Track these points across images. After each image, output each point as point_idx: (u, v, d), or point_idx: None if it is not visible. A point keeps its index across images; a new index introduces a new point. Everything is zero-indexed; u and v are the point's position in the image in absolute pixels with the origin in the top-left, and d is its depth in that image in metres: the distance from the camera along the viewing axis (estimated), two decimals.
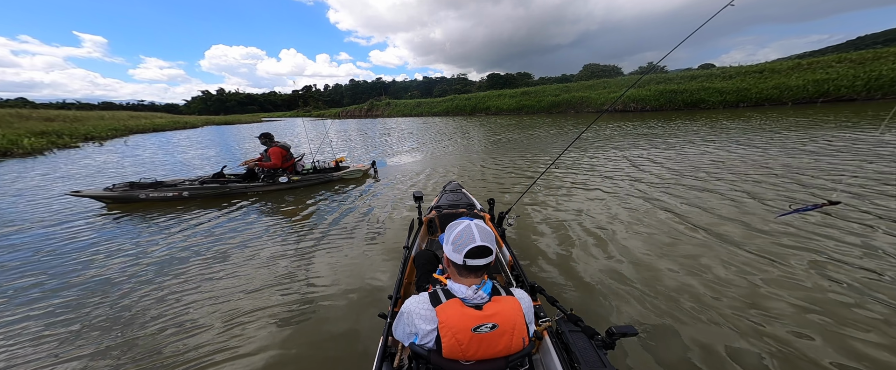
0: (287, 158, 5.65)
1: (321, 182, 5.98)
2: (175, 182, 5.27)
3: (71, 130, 17.24)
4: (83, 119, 22.84)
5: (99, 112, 33.35)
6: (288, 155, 5.67)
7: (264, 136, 5.59)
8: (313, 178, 5.88)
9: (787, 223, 3.18)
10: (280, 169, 5.60)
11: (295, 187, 5.68)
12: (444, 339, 0.98)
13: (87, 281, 2.82)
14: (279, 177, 5.53)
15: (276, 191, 5.53)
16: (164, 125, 27.73)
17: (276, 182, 5.50)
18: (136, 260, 3.20)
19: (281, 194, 5.42)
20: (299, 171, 5.90)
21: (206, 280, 2.77)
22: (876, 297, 2.12)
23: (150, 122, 27.49)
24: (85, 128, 18.78)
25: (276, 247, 3.37)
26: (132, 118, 28.74)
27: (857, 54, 21.48)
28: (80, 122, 20.83)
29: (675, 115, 18.22)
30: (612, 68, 61.32)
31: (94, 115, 27.14)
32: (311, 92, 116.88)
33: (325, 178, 6.00)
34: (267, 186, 5.48)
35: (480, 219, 1.85)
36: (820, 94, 18.94)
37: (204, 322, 2.22)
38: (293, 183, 5.63)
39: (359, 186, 5.89)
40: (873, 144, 6.50)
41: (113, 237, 3.81)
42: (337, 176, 6.11)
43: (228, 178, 5.54)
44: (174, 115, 42.20)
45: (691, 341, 1.85)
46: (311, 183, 5.86)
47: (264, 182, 5.49)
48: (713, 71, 27.64)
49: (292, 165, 5.82)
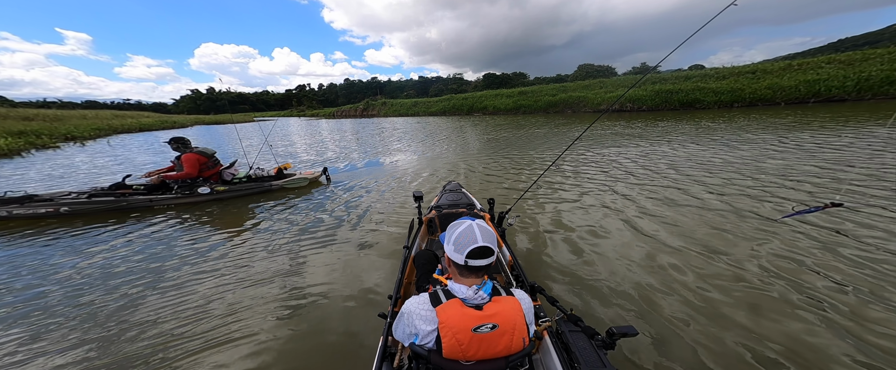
0: (208, 166, 4.97)
1: (257, 192, 5.34)
2: (52, 195, 4.44)
3: (50, 130, 16.83)
4: (64, 118, 22.28)
5: (81, 111, 32.58)
6: (209, 162, 4.98)
7: (176, 141, 4.79)
8: (246, 187, 5.21)
9: (790, 224, 3.20)
10: (200, 178, 4.93)
11: (220, 198, 5.01)
12: (445, 340, 0.98)
13: None
14: (199, 187, 4.83)
15: (193, 203, 4.82)
16: (152, 125, 27.27)
17: (194, 193, 4.80)
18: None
19: (205, 205, 4.77)
20: (227, 181, 5.18)
21: (160, 285, 2.72)
22: (873, 293, 2.17)
23: (136, 121, 26.98)
24: (65, 127, 18.33)
25: (268, 258, 3.33)
26: (117, 117, 28.10)
27: (846, 56, 22.12)
28: (60, 122, 20.30)
29: (672, 115, 18.51)
30: (607, 68, 62.27)
31: (77, 115, 26.48)
32: (305, 91, 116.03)
33: (262, 187, 5.36)
34: (183, 198, 4.75)
35: (481, 219, 1.86)
36: (812, 95, 19.45)
37: (196, 316, 2.19)
38: (218, 194, 4.95)
39: (358, 186, 5.85)
40: (876, 143, 6.64)
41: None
42: (277, 185, 5.50)
43: (131, 190, 4.71)
44: (162, 115, 41.52)
45: (692, 341, 1.87)
46: (243, 193, 5.20)
47: (179, 194, 4.76)
48: (707, 71, 28.18)
49: (217, 174, 5.14)
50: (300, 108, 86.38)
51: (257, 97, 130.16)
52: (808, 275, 2.43)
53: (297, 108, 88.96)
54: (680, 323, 2.02)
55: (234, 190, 5.15)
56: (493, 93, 41.44)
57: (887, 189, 3.98)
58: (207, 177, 5.04)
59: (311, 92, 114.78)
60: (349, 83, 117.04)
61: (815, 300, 2.16)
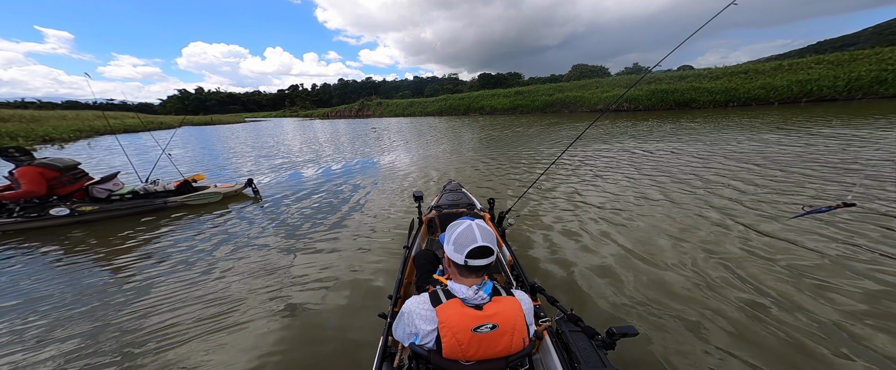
0: (61, 181, 4.03)
1: (145, 210, 4.47)
2: None
3: (27, 131, 16.27)
4: (42, 119, 21.59)
5: (61, 111, 31.42)
6: (61, 177, 4.01)
7: (6, 154, 3.81)
8: (129, 206, 4.35)
9: (799, 225, 3.18)
10: (53, 197, 4.04)
11: (87, 220, 4.13)
12: (445, 339, 0.99)
13: None
14: (52, 208, 3.94)
15: (43, 227, 3.95)
16: (136, 126, 26.67)
17: (46, 216, 3.91)
18: None
19: (71, 228, 3.96)
20: (100, 198, 4.26)
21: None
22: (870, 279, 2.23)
23: (119, 122, 26.39)
24: (43, 129, 17.75)
25: (266, 255, 3.29)
26: (99, 118, 27.31)
27: (834, 56, 22.87)
28: (38, 123, 19.67)
29: (670, 115, 18.81)
30: (600, 69, 63.36)
31: (56, 115, 25.62)
32: (298, 91, 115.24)
33: (152, 205, 4.49)
34: (26, 222, 3.88)
35: (481, 219, 1.88)
36: (804, 94, 19.98)
37: (184, 324, 2.15)
38: (83, 215, 4.07)
39: (354, 187, 5.83)
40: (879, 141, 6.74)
41: None
42: (176, 201, 4.64)
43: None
44: (148, 115, 40.69)
45: (692, 341, 1.89)
46: (122, 213, 4.32)
47: (22, 217, 3.85)
48: (701, 71, 28.79)
49: (83, 190, 4.22)
50: (293, 108, 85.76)
51: (248, 97, 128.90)
52: (817, 275, 2.44)
53: (290, 108, 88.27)
54: (682, 323, 2.04)
55: (107, 210, 4.21)
56: (490, 93, 41.74)
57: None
58: (65, 194, 4.09)
59: (305, 92, 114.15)
60: (343, 83, 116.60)
61: (825, 299, 2.18)
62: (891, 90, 17.80)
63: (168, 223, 4.23)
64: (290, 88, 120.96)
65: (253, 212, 4.66)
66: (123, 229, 4.01)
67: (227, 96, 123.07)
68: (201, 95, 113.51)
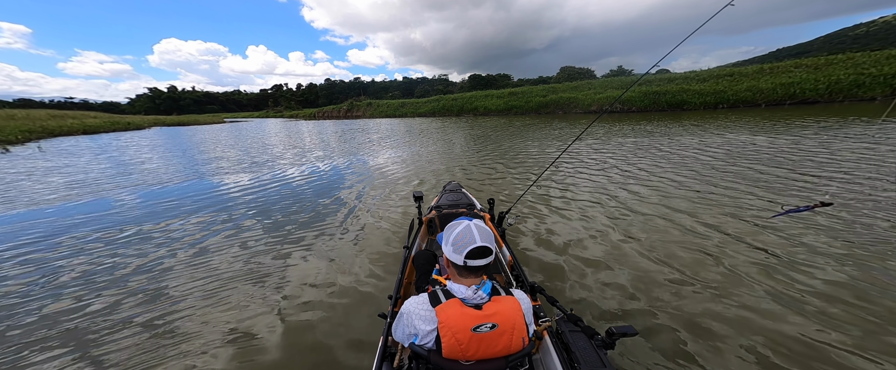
0: None
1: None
2: None
3: None
4: None
5: (10, 111, 29.48)
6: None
7: None
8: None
9: (783, 223, 3.35)
10: None
11: None
12: (444, 339, 0.99)
13: None
14: None
15: None
16: (99, 126, 25.31)
17: None
18: None
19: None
20: None
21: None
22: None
23: (79, 122, 24.76)
24: None
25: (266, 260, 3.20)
26: (53, 118, 25.51)
27: (811, 60, 24.65)
28: None
29: (667, 116, 19.47)
30: (587, 71, 65.59)
31: (3, 114, 24.03)
32: (283, 91, 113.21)
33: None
34: None
35: (480, 219, 1.90)
36: (788, 97, 21.17)
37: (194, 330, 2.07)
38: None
39: (352, 188, 5.79)
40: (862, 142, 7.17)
41: None
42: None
43: None
44: (113, 115, 38.71)
45: (692, 341, 1.95)
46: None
47: None
48: (689, 74, 30.10)
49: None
50: (277, 108, 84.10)
51: (228, 97, 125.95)
52: (807, 274, 2.55)
53: (274, 108, 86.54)
54: (681, 323, 2.10)
55: None
56: (483, 93, 42.20)
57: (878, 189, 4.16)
58: None
59: (290, 92, 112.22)
60: (330, 83, 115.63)
61: (820, 296, 2.27)
62: (869, 93, 19.06)
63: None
64: (274, 88, 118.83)
65: (247, 213, 4.62)
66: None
67: (204, 95, 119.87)
68: (175, 94, 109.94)
